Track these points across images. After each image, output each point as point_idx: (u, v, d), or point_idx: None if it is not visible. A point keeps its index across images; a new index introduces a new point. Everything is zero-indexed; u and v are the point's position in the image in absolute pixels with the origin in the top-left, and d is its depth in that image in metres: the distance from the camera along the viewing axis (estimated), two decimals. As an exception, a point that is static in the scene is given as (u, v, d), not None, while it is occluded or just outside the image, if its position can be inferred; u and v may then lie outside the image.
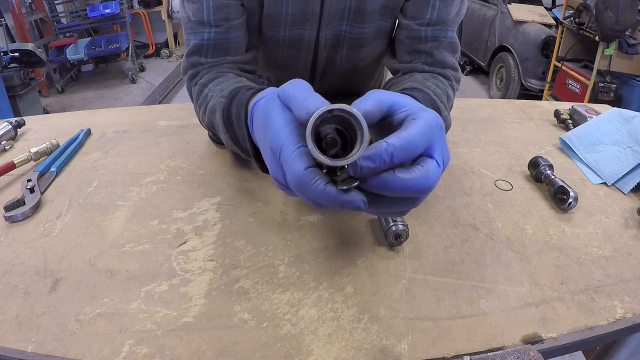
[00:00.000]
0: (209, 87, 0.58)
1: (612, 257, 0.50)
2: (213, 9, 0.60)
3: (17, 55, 3.10)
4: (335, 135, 0.36)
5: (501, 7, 3.88)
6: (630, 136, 0.66)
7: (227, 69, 0.62)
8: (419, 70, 0.64)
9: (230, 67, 0.63)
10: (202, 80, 0.61)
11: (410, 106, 0.38)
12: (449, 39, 0.63)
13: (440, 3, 0.61)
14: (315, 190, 0.34)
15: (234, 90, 0.51)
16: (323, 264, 0.49)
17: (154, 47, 5.41)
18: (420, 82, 0.57)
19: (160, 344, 0.40)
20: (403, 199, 0.37)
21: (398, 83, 0.61)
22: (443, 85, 0.61)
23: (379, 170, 0.34)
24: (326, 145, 0.36)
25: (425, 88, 0.54)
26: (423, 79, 0.59)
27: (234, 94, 0.51)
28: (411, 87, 0.54)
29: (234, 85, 0.53)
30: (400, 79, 0.63)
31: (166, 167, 0.67)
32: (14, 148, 0.75)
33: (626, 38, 2.78)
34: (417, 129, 0.35)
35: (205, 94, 0.58)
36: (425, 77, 0.60)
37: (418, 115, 0.36)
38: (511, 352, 0.39)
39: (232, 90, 0.52)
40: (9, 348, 0.40)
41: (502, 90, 3.80)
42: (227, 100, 0.51)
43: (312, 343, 0.40)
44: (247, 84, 0.54)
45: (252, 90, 0.49)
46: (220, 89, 0.56)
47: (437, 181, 0.36)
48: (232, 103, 0.50)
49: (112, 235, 0.53)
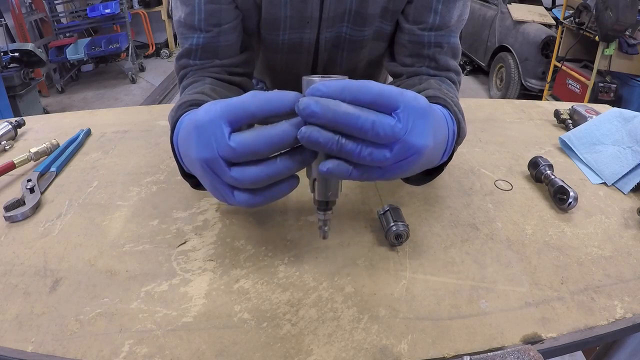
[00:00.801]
0: (185, 91, 0.59)
1: (612, 257, 0.50)
2: (205, 14, 0.59)
3: (17, 55, 3.10)
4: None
5: (501, 7, 3.88)
6: (630, 136, 0.66)
7: (212, 72, 0.62)
8: (424, 74, 0.63)
9: (217, 70, 0.62)
10: (184, 83, 0.61)
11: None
12: (452, 44, 0.63)
13: (442, 8, 0.60)
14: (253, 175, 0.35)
15: (179, 105, 0.50)
16: (323, 264, 0.49)
17: (154, 47, 5.42)
18: (437, 88, 0.55)
19: (160, 344, 0.40)
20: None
21: (410, 87, 0.59)
22: (453, 91, 0.60)
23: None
24: None
25: (447, 98, 0.51)
26: (437, 85, 0.57)
27: (177, 109, 0.49)
28: (435, 96, 0.50)
29: (182, 100, 0.51)
30: (410, 82, 0.62)
31: (166, 167, 0.67)
32: (14, 148, 0.75)
33: (626, 38, 2.78)
34: (381, 86, 0.34)
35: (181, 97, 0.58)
36: (438, 83, 0.59)
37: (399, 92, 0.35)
38: (511, 352, 0.39)
39: (178, 106, 0.50)
40: (9, 348, 0.40)
41: (502, 90, 3.80)
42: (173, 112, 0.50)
43: (312, 343, 0.40)
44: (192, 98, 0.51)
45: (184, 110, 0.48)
46: (181, 98, 0.53)
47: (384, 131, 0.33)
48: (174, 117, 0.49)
49: (112, 235, 0.53)
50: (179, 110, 0.48)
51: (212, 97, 0.53)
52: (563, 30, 3.22)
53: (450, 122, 0.47)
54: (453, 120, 0.48)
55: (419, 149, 0.36)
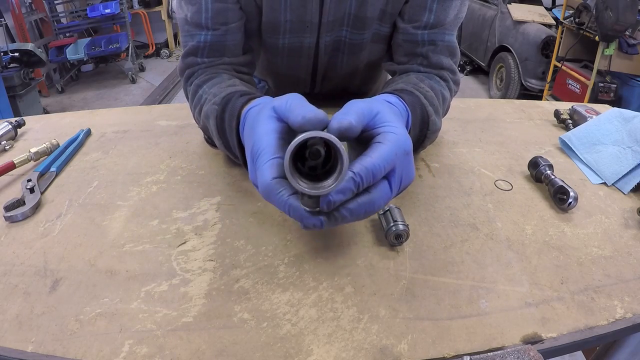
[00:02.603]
0: (204, 88, 0.59)
1: (612, 257, 0.50)
2: (212, 12, 0.59)
3: (17, 55, 3.11)
4: (321, 148, 0.38)
5: (501, 7, 3.88)
6: (630, 136, 0.66)
7: (223, 69, 0.62)
8: (414, 71, 0.63)
9: (226, 68, 0.63)
10: (197, 81, 0.61)
11: (387, 124, 0.40)
12: (447, 42, 0.63)
13: (437, 6, 0.61)
14: (279, 200, 0.38)
15: (226, 96, 0.52)
16: (323, 264, 0.49)
17: (154, 47, 5.42)
18: (413, 83, 0.57)
19: (160, 344, 0.40)
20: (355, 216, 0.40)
21: (392, 83, 0.61)
22: (439, 86, 0.60)
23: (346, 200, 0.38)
24: (309, 155, 0.38)
25: (415, 90, 0.54)
26: (417, 79, 0.59)
27: (226, 101, 0.51)
28: (401, 89, 0.54)
29: (226, 91, 0.53)
30: (396, 78, 0.63)
31: (166, 167, 0.67)
32: (14, 148, 0.75)
33: (626, 38, 2.78)
34: (382, 156, 0.38)
35: (199, 95, 0.59)
36: (419, 78, 0.60)
37: (386, 138, 0.39)
38: (511, 352, 0.39)
39: (224, 97, 0.52)
40: (9, 348, 0.40)
41: (502, 90, 3.80)
42: (220, 107, 0.52)
43: (312, 343, 0.40)
44: (239, 89, 0.54)
45: (244, 97, 0.50)
46: (213, 94, 0.55)
47: (385, 203, 0.41)
48: (225, 110, 0.51)
49: (112, 235, 0.53)
50: (235, 98, 0.51)
51: (250, 88, 0.57)
52: (563, 30, 3.22)
53: (402, 108, 0.50)
54: (405, 108, 0.50)
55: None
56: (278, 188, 0.38)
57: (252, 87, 0.62)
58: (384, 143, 0.39)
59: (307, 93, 0.84)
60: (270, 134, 0.39)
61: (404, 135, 0.40)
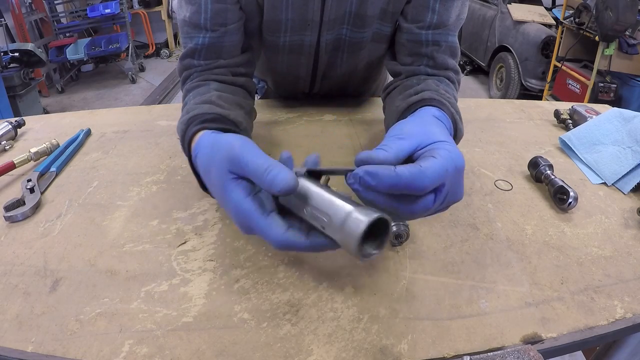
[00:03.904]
0: (189, 96, 0.58)
1: (612, 257, 0.50)
2: (211, 13, 0.59)
3: (17, 55, 3.11)
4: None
5: (501, 7, 3.88)
6: (630, 136, 0.66)
7: (217, 74, 0.61)
8: (422, 73, 0.63)
9: (222, 72, 0.62)
10: (188, 86, 0.61)
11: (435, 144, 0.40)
12: (450, 43, 0.63)
13: (440, 7, 0.61)
14: (302, 246, 0.37)
15: (189, 120, 0.50)
16: (323, 264, 0.49)
17: (154, 47, 5.42)
18: (437, 90, 0.56)
19: (160, 344, 0.40)
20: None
21: (408, 87, 0.59)
22: (452, 91, 0.60)
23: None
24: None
25: (444, 100, 0.53)
26: (435, 85, 0.58)
27: (187, 125, 0.50)
28: (430, 98, 0.52)
29: (194, 112, 0.51)
30: (408, 82, 0.62)
31: (166, 167, 0.67)
32: (14, 148, 0.75)
33: (626, 38, 2.78)
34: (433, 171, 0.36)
35: (185, 102, 0.58)
36: (436, 83, 0.59)
37: (438, 154, 0.38)
38: (511, 352, 0.39)
39: (188, 120, 0.50)
40: (9, 348, 0.40)
41: (502, 90, 3.80)
42: (184, 126, 0.51)
43: (312, 343, 0.40)
44: (202, 112, 0.51)
45: (198, 126, 0.48)
46: (186, 110, 0.54)
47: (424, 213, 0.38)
48: (185, 134, 0.50)
49: (112, 235, 0.53)
50: (192, 125, 0.49)
51: (220, 105, 0.53)
52: (563, 30, 3.22)
53: (447, 122, 0.49)
54: (449, 120, 0.50)
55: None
56: (294, 237, 0.37)
57: (237, 96, 0.60)
58: (436, 158, 0.38)
59: (306, 93, 0.84)
60: (245, 201, 0.38)
61: (454, 151, 0.39)
